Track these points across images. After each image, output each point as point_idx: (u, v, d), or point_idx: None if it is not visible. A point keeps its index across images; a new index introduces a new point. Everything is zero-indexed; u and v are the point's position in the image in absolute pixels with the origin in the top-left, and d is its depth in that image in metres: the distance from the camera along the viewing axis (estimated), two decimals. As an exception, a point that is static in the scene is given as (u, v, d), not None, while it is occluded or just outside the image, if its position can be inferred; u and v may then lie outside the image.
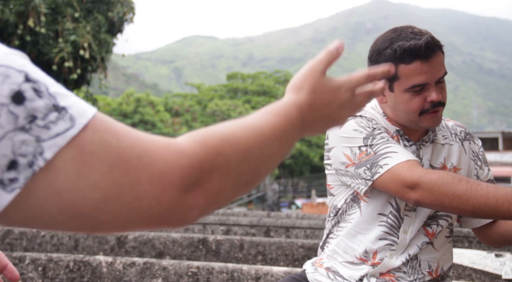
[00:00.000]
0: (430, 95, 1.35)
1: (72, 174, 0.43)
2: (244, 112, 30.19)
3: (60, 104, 0.44)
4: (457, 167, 1.49)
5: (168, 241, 3.08)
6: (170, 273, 2.37)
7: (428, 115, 1.38)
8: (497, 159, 33.12)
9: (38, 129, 0.42)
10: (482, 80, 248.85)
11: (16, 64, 0.44)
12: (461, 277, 2.67)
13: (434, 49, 1.33)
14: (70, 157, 0.43)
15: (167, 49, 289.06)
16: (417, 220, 1.44)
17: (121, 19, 12.44)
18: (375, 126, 1.41)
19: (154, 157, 0.47)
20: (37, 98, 0.43)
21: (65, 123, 0.43)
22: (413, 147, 1.46)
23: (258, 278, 2.31)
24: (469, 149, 1.52)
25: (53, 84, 0.45)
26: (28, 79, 0.43)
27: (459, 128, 1.56)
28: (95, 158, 0.44)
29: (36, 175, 0.42)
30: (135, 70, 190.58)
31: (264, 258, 2.97)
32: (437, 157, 1.48)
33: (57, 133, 0.43)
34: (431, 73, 1.34)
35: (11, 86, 0.42)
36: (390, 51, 1.34)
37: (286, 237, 3.91)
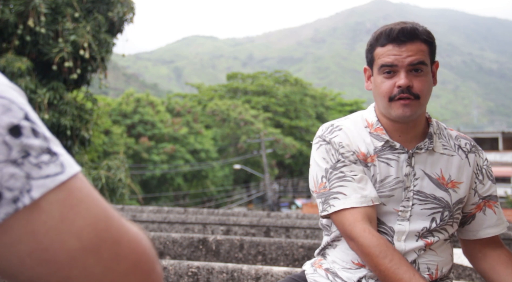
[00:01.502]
0: (399, 80, 1.36)
1: (56, 217, 0.42)
2: (244, 112, 30.18)
3: (53, 149, 0.44)
4: (457, 181, 1.46)
5: (168, 241, 3.08)
6: (170, 273, 2.37)
7: (397, 103, 1.38)
8: (497, 159, 33.10)
9: (30, 166, 0.41)
10: (482, 80, 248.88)
11: (19, 101, 0.44)
12: (461, 277, 2.67)
13: (410, 36, 1.36)
14: (58, 199, 0.42)
15: (167, 49, 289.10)
16: (411, 230, 1.44)
17: (121, 19, 12.44)
18: (340, 157, 1.45)
19: (129, 225, 0.47)
20: (33, 137, 0.43)
21: (56, 167, 0.43)
22: (404, 156, 1.45)
23: (258, 278, 2.31)
24: (474, 162, 1.50)
25: (47, 130, 0.45)
26: (27, 118, 0.43)
27: (464, 140, 1.53)
28: (83, 206, 0.43)
29: (18, 212, 0.40)
30: (135, 70, 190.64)
31: (264, 258, 2.97)
32: (433, 166, 1.46)
33: (47, 174, 0.42)
34: (401, 56, 1.36)
35: (11, 119, 0.42)
36: (372, 38, 1.42)
37: (286, 237, 3.91)
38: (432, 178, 1.45)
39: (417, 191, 1.44)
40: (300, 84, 38.72)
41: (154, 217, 4.10)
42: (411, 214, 1.44)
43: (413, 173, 1.45)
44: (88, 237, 0.42)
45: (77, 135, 11.96)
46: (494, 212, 1.50)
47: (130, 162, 22.43)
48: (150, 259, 0.47)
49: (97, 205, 0.44)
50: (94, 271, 0.43)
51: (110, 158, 14.01)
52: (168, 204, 24.70)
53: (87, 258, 0.42)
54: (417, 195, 1.44)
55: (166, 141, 25.66)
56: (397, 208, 1.45)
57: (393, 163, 1.45)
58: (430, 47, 1.40)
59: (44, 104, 10.99)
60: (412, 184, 1.44)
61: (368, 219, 1.38)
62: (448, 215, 1.45)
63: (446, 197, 1.45)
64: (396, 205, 1.45)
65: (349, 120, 1.53)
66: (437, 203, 1.44)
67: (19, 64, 10.67)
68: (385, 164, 1.45)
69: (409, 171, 1.45)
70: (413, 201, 1.44)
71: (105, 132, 22.92)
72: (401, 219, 1.44)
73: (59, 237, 0.41)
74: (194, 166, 26.14)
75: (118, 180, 11.98)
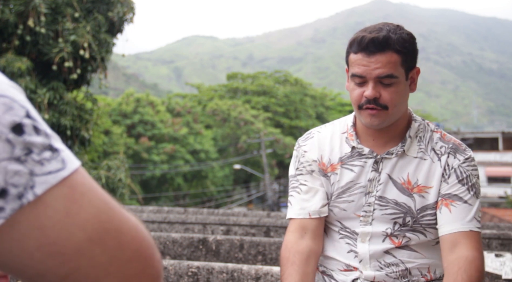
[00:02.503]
0: (366, 90, 1.36)
1: (61, 211, 0.43)
2: (244, 112, 30.17)
3: (54, 145, 0.45)
4: (425, 185, 1.42)
5: (168, 241, 3.08)
6: (170, 273, 2.37)
7: (365, 111, 1.38)
8: (497, 159, 33.09)
9: (32, 163, 0.43)
10: (482, 80, 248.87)
11: (20, 99, 0.44)
12: (461, 277, 2.66)
13: (381, 46, 1.32)
14: (62, 194, 0.44)
15: (167, 49, 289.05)
16: (374, 231, 1.44)
17: (121, 19, 12.43)
18: (298, 166, 1.53)
19: (129, 215, 0.49)
20: (35, 134, 0.44)
21: (57, 163, 0.44)
22: (370, 161, 1.45)
23: (258, 278, 2.31)
24: (445, 164, 1.43)
25: (48, 127, 0.46)
26: (29, 116, 0.44)
27: (442, 143, 1.46)
28: (86, 199, 0.45)
29: (23, 208, 0.42)
30: (135, 70, 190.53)
31: (264, 258, 2.97)
32: (400, 171, 1.44)
33: (49, 171, 0.43)
34: (369, 68, 1.34)
35: (13, 118, 0.43)
36: (349, 41, 1.42)
37: (286, 237, 3.91)
38: (397, 183, 1.43)
39: (379, 196, 1.44)
40: (300, 84, 38.70)
41: (154, 217, 4.10)
42: (373, 218, 1.44)
43: (378, 178, 1.44)
44: (93, 228, 0.44)
45: (77, 135, 11.96)
46: (449, 210, 1.40)
47: (130, 162, 22.42)
48: (149, 245, 0.49)
49: (99, 197, 0.46)
50: (101, 260, 0.45)
51: (110, 158, 14.01)
52: (168, 204, 24.69)
53: (93, 248, 0.44)
54: (378, 201, 1.44)
55: (166, 141, 25.65)
56: (358, 213, 1.46)
57: (357, 169, 1.46)
58: (404, 57, 1.35)
59: (44, 104, 10.99)
60: (375, 190, 1.44)
61: (302, 230, 1.46)
62: (411, 220, 1.42)
63: (409, 203, 1.42)
64: (357, 211, 1.46)
65: (331, 127, 1.56)
66: (398, 209, 1.43)
67: (19, 64, 10.66)
68: (349, 170, 1.47)
69: (373, 176, 1.45)
70: (374, 206, 1.44)
71: (105, 132, 22.91)
72: (363, 224, 1.45)
73: (65, 230, 0.43)
74: (194, 166, 26.13)
75: (118, 180, 11.98)
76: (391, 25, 1.37)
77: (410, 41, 1.37)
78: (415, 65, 1.42)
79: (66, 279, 0.44)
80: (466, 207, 1.39)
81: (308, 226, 1.47)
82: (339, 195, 1.48)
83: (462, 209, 1.39)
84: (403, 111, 1.43)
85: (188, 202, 26.48)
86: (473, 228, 1.38)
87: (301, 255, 1.42)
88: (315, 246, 1.46)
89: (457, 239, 1.37)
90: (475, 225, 1.39)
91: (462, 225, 1.38)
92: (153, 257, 0.49)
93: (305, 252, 1.43)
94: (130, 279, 0.47)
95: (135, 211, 4.90)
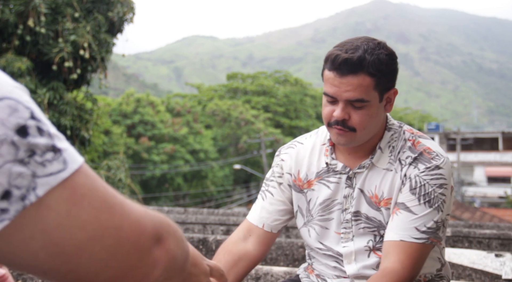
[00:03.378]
0: (336, 110, 1.31)
1: (62, 213, 0.45)
2: (244, 112, 30.17)
3: (57, 146, 0.46)
4: (388, 197, 1.38)
5: (168, 241, 3.08)
6: (170, 273, 2.36)
7: (333, 130, 1.35)
8: (497, 159, 33.10)
9: (35, 164, 0.44)
10: (482, 80, 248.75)
11: (24, 100, 0.45)
12: (461, 277, 2.66)
13: (353, 68, 1.26)
14: (63, 197, 0.45)
15: (167, 49, 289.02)
16: (357, 248, 1.42)
17: (121, 19, 12.43)
18: (273, 173, 1.54)
19: (132, 208, 0.51)
20: (39, 135, 0.45)
21: (59, 164, 0.45)
22: (344, 177, 1.42)
23: (258, 278, 2.31)
24: (404, 174, 1.36)
25: (51, 125, 0.48)
26: (33, 117, 0.45)
27: (410, 152, 1.37)
28: (86, 201, 0.46)
29: (26, 209, 0.43)
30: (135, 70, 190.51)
31: (264, 258, 2.97)
32: (369, 184, 1.40)
33: (50, 172, 0.44)
34: (339, 90, 1.29)
35: (18, 120, 0.43)
36: (325, 56, 1.35)
37: (286, 237, 3.90)
38: (367, 196, 1.40)
39: (354, 212, 1.42)
40: (300, 84, 38.70)
41: (154, 217, 4.09)
42: (353, 235, 1.42)
43: (352, 194, 1.42)
44: (93, 228, 0.46)
45: (77, 135, 11.96)
46: (392, 218, 1.34)
47: (130, 162, 22.42)
48: (150, 235, 0.51)
49: (99, 196, 0.48)
50: (100, 256, 0.47)
51: (110, 158, 14.01)
52: (168, 204, 24.69)
53: (93, 246, 0.46)
54: (354, 216, 1.42)
55: (166, 141, 25.64)
56: (338, 231, 1.44)
57: (332, 186, 1.44)
58: (378, 80, 1.28)
59: (44, 104, 10.99)
60: (350, 205, 1.42)
61: (247, 232, 1.49)
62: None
63: (378, 217, 1.39)
64: (337, 228, 1.44)
65: (314, 137, 1.53)
66: (369, 223, 1.40)
67: (19, 64, 10.66)
68: (326, 186, 1.45)
69: (348, 193, 1.42)
70: (352, 223, 1.42)
71: (105, 132, 22.90)
72: (344, 241, 1.43)
73: (66, 232, 0.45)
74: (194, 166, 26.13)
75: (118, 180, 11.98)
76: (371, 43, 1.29)
77: (387, 63, 1.29)
78: (392, 86, 1.35)
79: (68, 274, 0.47)
80: (407, 216, 1.31)
81: (257, 232, 1.48)
82: (319, 213, 1.46)
83: (402, 217, 1.32)
84: (376, 131, 1.38)
85: (188, 202, 26.48)
86: (405, 238, 1.30)
87: (231, 256, 1.42)
88: (253, 252, 1.45)
89: (388, 248, 1.32)
90: (411, 235, 1.30)
91: (395, 234, 1.31)
92: (152, 247, 0.52)
93: (237, 254, 1.42)
94: (127, 269, 0.50)
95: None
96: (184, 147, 25.93)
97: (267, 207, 1.50)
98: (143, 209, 0.53)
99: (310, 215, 1.48)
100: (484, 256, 2.66)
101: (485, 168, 33.25)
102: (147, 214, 0.53)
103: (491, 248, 3.19)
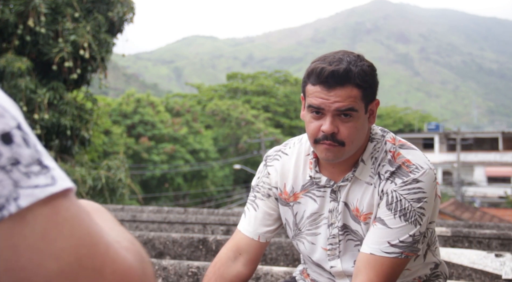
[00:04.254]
0: (324, 124, 1.29)
1: (38, 233, 0.39)
2: (244, 112, 30.17)
3: (44, 162, 0.42)
4: (367, 212, 1.37)
5: (168, 241, 3.08)
6: (170, 273, 2.37)
7: (321, 146, 1.32)
8: (497, 159, 33.11)
9: (18, 174, 0.40)
10: (482, 80, 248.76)
11: (12, 111, 0.42)
12: (461, 277, 2.66)
13: (340, 80, 1.24)
14: (43, 214, 0.40)
15: (167, 49, 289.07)
16: (345, 269, 1.42)
17: (121, 19, 12.43)
18: (260, 183, 1.50)
19: (119, 254, 0.44)
20: (24, 146, 0.41)
21: (46, 179, 0.41)
22: (328, 191, 1.41)
23: (258, 278, 2.31)
24: (381, 189, 1.34)
25: (40, 143, 0.44)
26: (20, 128, 0.42)
27: (389, 166, 1.35)
28: (67, 226, 0.41)
29: (1, 221, 0.38)
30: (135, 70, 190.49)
31: (264, 258, 2.97)
32: (351, 197, 1.39)
33: (36, 184, 0.40)
34: (328, 101, 1.27)
35: (3, 126, 0.40)
36: (306, 71, 1.33)
37: (286, 237, 3.91)
38: (350, 209, 1.39)
39: (341, 226, 1.40)
40: (300, 84, 38.72)
41: (154, 217, 4.10)
42: (340, 250, 1.41)
43: (337, 208, 1.40)
44: (68, 261, 0.40)
45: (77, 135, 11.96)
46: (370, 231, 1.35)
47: (130, 162, 22.42)
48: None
49: (83, 228, 0.42)
50: None
51: (110, 158, 14.00)
52: (168, 204, 24.70)
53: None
54: (341, 230, 1.40)
55: (166, 141, 25.65)
56: (324, 247, 1.42)
57: (318, 200, 1.42)
58: (364, 91, 1.27)
59: (44, 104, 10.99)
60: (336, 220, 1.40)
61: (237, 251, 1.45)
62: None
63: (360, 231, 1.38)
64: (323, 244, 1.42)
65: (297, 146, 1.50)
66: (354, 237, 1.40)
67: (19, 64, 10.67)
68: (312, 200, 1.43)
69: (333, 207, 1.40)
70: (339, 238, 1.40)
71: (105, 132, 22.91)
72: (331, 258, 1.42)
73: (37, 257, 0.39)
74: (194, 166, 26.14)
75: (118, 180, 11.98)
76: (352, 56, 1.29)
77: (370, 74, 1.29)
78: (375, 98, 1.35)
79: None
80: (381, 228, 1.31)
81: (247, 249, 1.45)
82: (307, 228, 1.44)
83: (376, 230, 1.32)
84: (361, 144, 1.36)
85: (188, 202, 26.48)
86: (375, 252, 1.30)
87: (223, 281, 1.41)
88: (245, 271, 1.44)
89: (359, 262, 1.32)
90: (381, 249, 1.29)
91: (367, 247, 1.32)
92: None
93: (228, 279, 1.41)
94: None
95: (135, 211, 4.90)
96: (184, 147, 25.94)
97: (260, 218, 1.47)
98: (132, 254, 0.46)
99: (298, 228, 1.46)
100: (484, 256, 2.66)
101: (485, 168, 33.26)
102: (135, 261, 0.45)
103: (491, 248, 3.19)
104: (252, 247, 1.45)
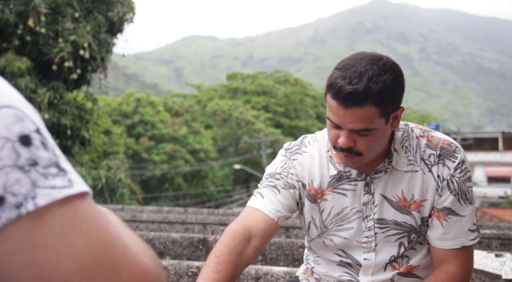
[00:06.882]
0: (341, 137, 1.28)
1: (56, 231, 0.40)
2: (244, 112, 30.17)
3: (61, 165, 0.43)
4: (421, 199, 1.36)
5: (168, 241, 3.08)
6: (170, 273, 2.37)
7: (340, 153, 1.31)
8: (497, 159, 33.10)
9: (36, 174, 0.41)
10: (482, 80, 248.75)
11: (32, 116, 0.44)
12: (461, 277, 2.66)
13: (358, 101, 1.19)
14: (62, 213, 0.41)
15: (167, 49, 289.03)
16: (378, 263, 1.40)
17: (121, 19, 12.44)
18: (283, 172, 1.44)
19: (136, 256, 0.44)
20: (43, 149, 0.43)
21: (63, 181, 0.42)
22: (361, 184, 1.39)
23: (258, 278, 2.31)
24: (437, 175, 1.34)
25: (58, 148, 0.45)
26: (39, 132, 0.43)
27: (430, 150, 1.35)
28: (85, 226, 0.42)
29: (20, 219, 0.39)
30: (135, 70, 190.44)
31: (264, 258, 2.97)
32: (394, 188, 1.36)
33: (53, 185, 0.41)
34: (344, 119, 1.24)
35: (23, 129, 0.42)
36: (331, 74, 1.27)
37: (286, 237, 3.90)
38: (392, 202, 1.37)
39: (377, 219, 1.38)
40: (300, 84, 38.70)
41: (154, 217, 4.10)
42: (376, 243, 1.39)
43: (372, 200, 1.38)
44: (85, 260, 0.41)
45: (77, 135, 11.96)
46: (442, 225, 1.34)
47: (130, 162, 22.43)
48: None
49: (101, 228, 0.43)
50: None
51: (110, 158, 14.00)
52: (168, 204, 24.70)
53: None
54: (378, 223, 1.38)
55: (166, 141, 25.65)
56: (360, 240, 1.40)
57: (349, 194, 1.40)
58: (384, 107, 1.23)
59: (44, 104, 10.99)
60: (372, 213, 1.38)
61: (248, 227, 1.34)
62: (416, 236, 1.39)
63: (410, 221, 1.37)
64: (358, 237, 1.40)
65: (315, 145, 1.47)
66: (399, 229, 1.37)
67: (19, 64, 10.67)
68: (341, 195, 1.40)
69: (367, 199, 1.38)
70: (375, 230, 1.38)
71: (105, 132, 22.90)
72: (366, 251, 1.40)
73: (55, 254, 0.40)
74: (194, 166, 26.14)
75: (118, 180, 11.98)
76: (375, 67, 1.21)
77: (392, 89, 1.22)
78: (399, 105, 1.30)
79: None
80: (458, 220, 1.34)
81: (260, 231, 1.35)
82: (338, 223, 1.41)
83: (454, 223, 1.34)
84: (381, 149, 1.34)
85: (188, 202, 26.48)
86: (465, 243, 1.34)
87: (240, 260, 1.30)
88: (252, 257, 1.34)
89: (445, 255, 1.35)
90: (467, 238, 1.34)
91: (453, 242, 1.34)
92: None
93: (244, 259, 1.30)
94: None
95: (135, 211, 4.90)
96: (184, 147, 25.94)
97: (282, 201, 1.41)
98: (149, 258, 0.47)
99: (324, 226, 1.43)
100: (484, 256, 2.66)
101: (485, 168, 33.25)
102: (152, 264, 0.46)
103: (491, 248, 3.19)
104: (266, 230, 1.36)
